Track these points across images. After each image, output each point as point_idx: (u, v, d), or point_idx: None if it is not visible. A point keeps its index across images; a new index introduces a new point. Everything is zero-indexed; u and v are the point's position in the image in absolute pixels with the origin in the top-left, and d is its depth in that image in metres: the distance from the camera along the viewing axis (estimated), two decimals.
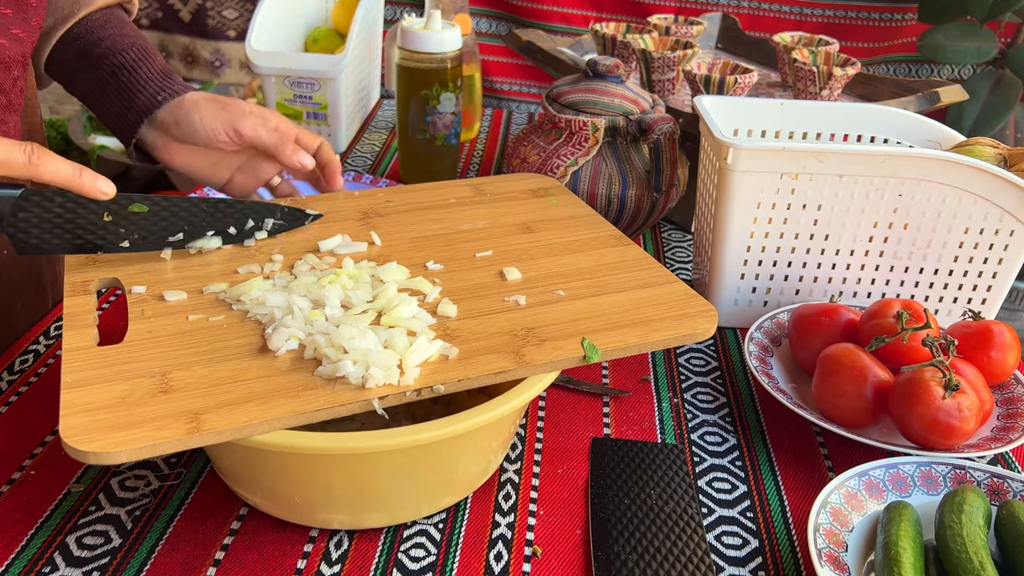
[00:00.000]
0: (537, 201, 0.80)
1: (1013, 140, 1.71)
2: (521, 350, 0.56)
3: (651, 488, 0.63)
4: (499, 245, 0.71)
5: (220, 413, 0.49)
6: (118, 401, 0.49)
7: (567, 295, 0.63)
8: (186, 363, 0.54)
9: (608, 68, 0.92)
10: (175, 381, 0.52)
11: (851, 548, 0.57)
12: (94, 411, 0.48)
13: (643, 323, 0.60)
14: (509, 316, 0.60)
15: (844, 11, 1.67)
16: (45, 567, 0.54)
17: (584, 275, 0.66)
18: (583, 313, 0.61)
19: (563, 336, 0.58)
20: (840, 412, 0.68)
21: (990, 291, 0.82)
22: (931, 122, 0.92)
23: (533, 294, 0.63)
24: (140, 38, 0.80)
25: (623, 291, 0.64)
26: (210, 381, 0.52)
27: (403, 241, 0.71)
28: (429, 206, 0.78)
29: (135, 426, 0.47)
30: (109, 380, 0.51)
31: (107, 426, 0.47)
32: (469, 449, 0.58)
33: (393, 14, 1.70)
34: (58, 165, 0.55)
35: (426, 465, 0.56)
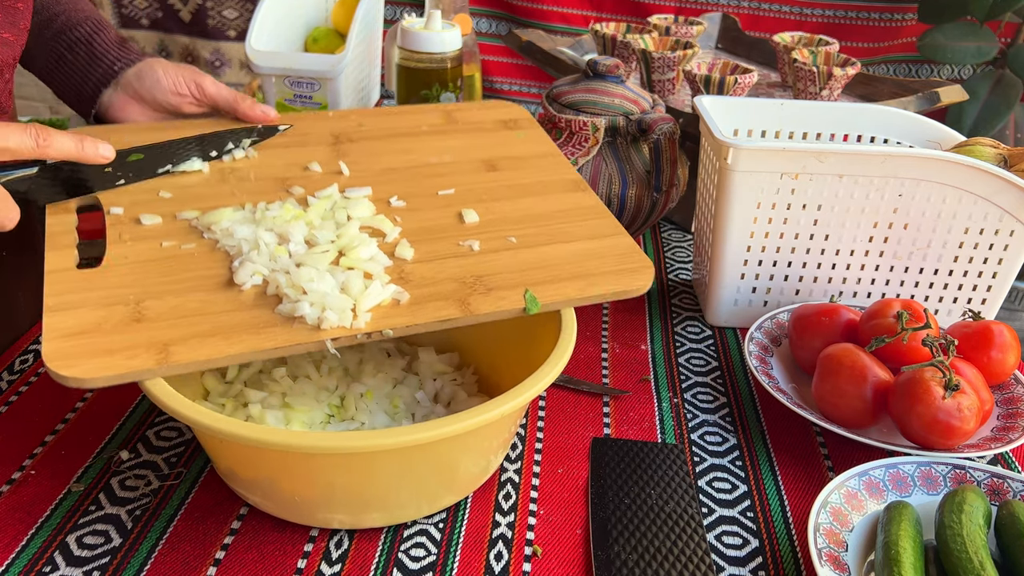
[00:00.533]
0: (506, 134, 0.80)
1: (1013, 140, 1.71)
2: (468, 299, 0.59)
3: (651, 488, 0.63)
4: (462, 183, 0.72)
5: (187, 345, 0.52)
6: (95, 327, 0.53)
7: (519, 242, 0.65)
8: (158, 292, 0.57)
9: (608, 68, 0.92)
10: (147, 310, 0.55)
11: (851, 548, 0.57)
12: (73, 336, 0.52)
13: (584, 277, 0.62)
14: (461, 262, 0.62)
15: (844, 11, 1.67)
16: (45, 567, 0.55)
17: (538, 222, 0.68)
18: (531, 263, 0.63)
19: (509, 286, 0.60)
20: (840, 412, 0.68)
21: (990, 291, 0.82)
22: (931, 122, 0.92)
23: (487, 239, 0.65)
24: (93, 11, 0.83)
25: (572, 241, 0.66)
26: (179, 313, 0.55)
27: (371, 172, 0.72)
28: (400, 133, 0.78)
29: (110, 354, 0.51)
30: (88, 305, 0.55)
31: (85, 352, 0.51)
32: (469, 449, 0.58)
33: (393, 14, 1.70)
34: (62, 142, 0.59)
35: (426, 465, 0.56)
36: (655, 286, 0.94)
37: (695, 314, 0.89)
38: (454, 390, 0.69)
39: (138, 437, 0.67)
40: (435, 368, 0.71)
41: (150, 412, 0.69)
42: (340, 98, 1.21)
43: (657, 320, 0.88)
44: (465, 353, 0.73)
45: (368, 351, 0.71)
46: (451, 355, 0.73)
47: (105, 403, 0.70)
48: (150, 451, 0.65)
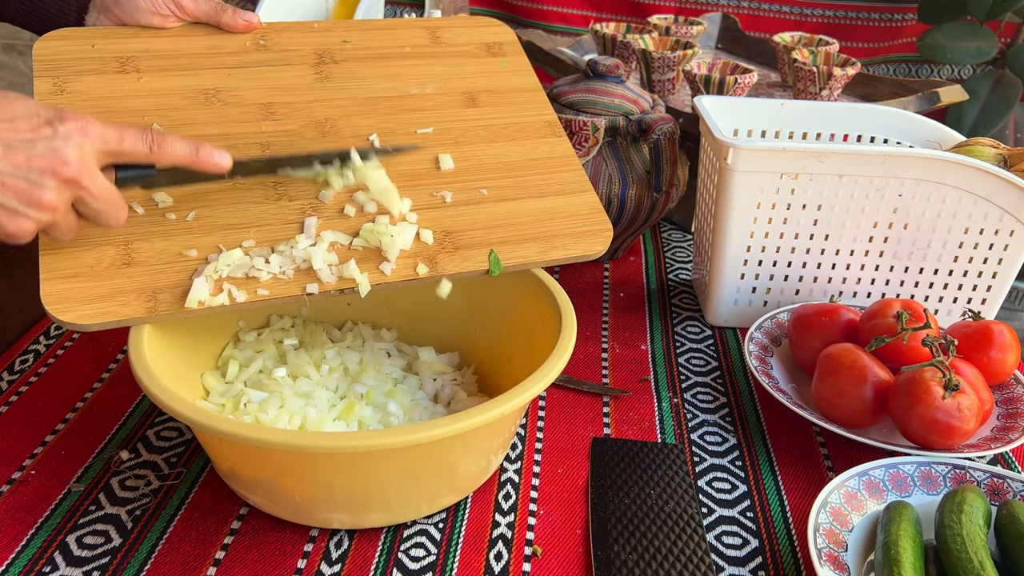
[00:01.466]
0: (489, 62, 0.79)
1: (1013, 140, 1.71)
2: (436, 256, 0.61)
3: (651, 488, 0.63)
4: (441, 119, 0.73)
5: (173, 294, 0.56)
6: (88, 269, 0.56)
7: (489, 196, 0.67)
8: (146, 235, 0.59)
9: (608, 68, 0.92)
10: (136, 253, 0.57)
11: (851, 548, 0.57)
12: (68, 279, 0.55)
13: (547, 239, 0.65)
14: (434, 215, 0.64)
15: (844, 11, 1.67)
16: (45, 567, 0.55)
17: (510, 172, 0.70)
18: (498, 219, 0.65)
19: (475, 245, 0.63)
20: (840, 412, 0.68)
21: (990, 291, 0.82)
22: (931, 122, 0.92)
23: (460, 190, 0.67)
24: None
25: (540, 197, 0.68)
26: (165, 258, 0.58)
27: (353, 102, 0.72)
28: (384, 55, 0.77)
29: (103, 299, 0.55)
30: (80, 245, 0.57)
31: (80, 297, 0.55)
32: (469, 449, 0.58)
33: (393, 14, 1.70)
34: (176, 147, 0.59)
35: (426, 465, 0.56)
36: (655, 286, 0.95)
37: (695, 314, 0.89)
38: (454, 390, 0.69)
39: (138, 437, 0.67)
40: (435, 368, 0.71)
41: (150, 412, 0.69)
42: None
43: (657, 320, 0.88)
44: (465, 353, 0.73)
45: (368, 351, 0.71)
46: (451, 355, 0.73)
47: (105, 403, 0.70)
48: (150, 451, 0.65)
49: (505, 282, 0.69)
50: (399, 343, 0.74)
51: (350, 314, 0.75)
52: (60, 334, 0.79)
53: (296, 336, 0.71)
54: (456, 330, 0.74)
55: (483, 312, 0.72)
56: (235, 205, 0.63)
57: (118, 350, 0.77)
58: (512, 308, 0.69)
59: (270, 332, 0.71)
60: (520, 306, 0.68)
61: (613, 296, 0.92)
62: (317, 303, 0.73)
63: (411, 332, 0.75)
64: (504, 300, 0.70)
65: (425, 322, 0.74)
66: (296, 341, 0.70)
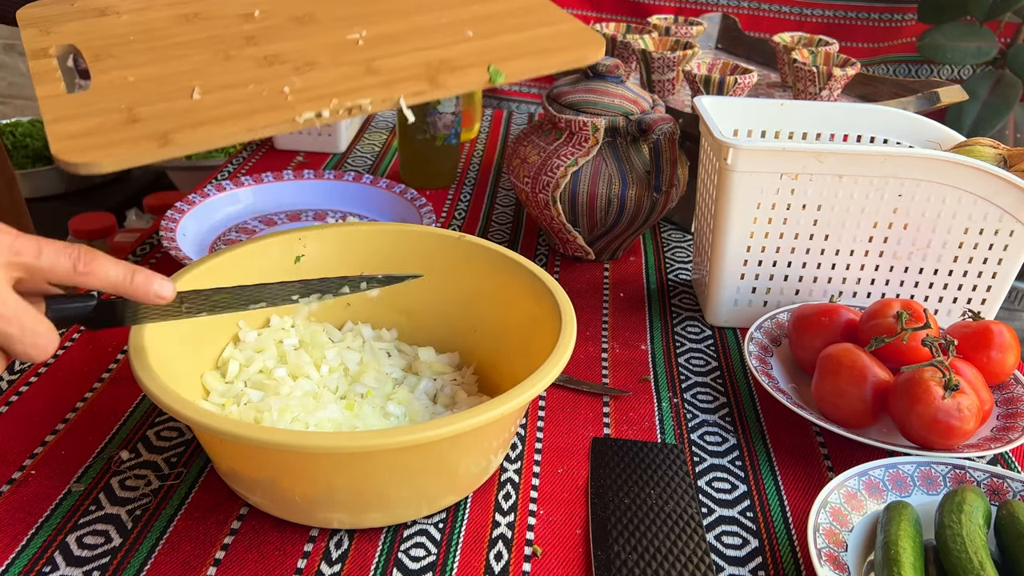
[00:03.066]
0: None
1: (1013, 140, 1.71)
2: (436, 76, 0.58)
3: (651, 488, 0.63)
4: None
5: (184, 132, 0.53)
6: (96, 129, 0.54)
7: (475, 35, 0.63)
8: (149, 101, 0.57)
9: (608, 68, 0.92)
10: (141, 114, 0.55)
11: (851, 548, 0.57)
12: (77, 137, 0.53)
13: (541, 53, 0.61)
14: (424, 53, 0.61)
15: (844, 11, 1.67)
16: (45, 567, 0.55)
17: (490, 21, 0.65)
18: (491, 48, 0.61)
19: (473, 65, 0.59)
20: (840, 412, 0.68)
21: (990, 291, 0.82)
22: (931, 122, 0.92)
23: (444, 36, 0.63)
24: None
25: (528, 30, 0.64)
26: (170, 112, 0.55)
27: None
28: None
29: (114, 145, 0.52)
30: (85, 116, 0.55)
31: (91, 146, 0.52)
32: (469, 449, 0.58)
33: None
34: (107, 270, 0.51)
35: (426, 465, 0.56)
36: (655, 286, 0.95)
37: (695, 314, 0.89)
38: (454, 390, 0.69)
39: (138, 437, 0.67)
40: (435, 368, 0.71)
41: (150, 412, 0.69)
42: None
43: (657, 320, 0.88)
44: (465, 353, 0.73)
45: (368, 351, 0.71)
46: (451, 355, 0.73)
47: (105, 403, 0.70)
48: (150, 451, 0.65)
49: (504, 280, 0.69)
50: (399, 343, 0.74)
51: (350, 314, 0.75)
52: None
53: (296, 336, 0.71)
54: (455, 330, 0.73)
55: (482, 311, 0.72)
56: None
57: (118, 350, 0.77)
58: (511, 307, 0.69)
59: (270, 332, 0.71)
60: (519, 305, 0.68)
61: (613, 296, 0.92)
62: (319, 305, 0.72)
63: (411, 332, 0.75)
64: (503, 299, 0.70)
65: (425, 321, 0.74)
66: (296, 341, 0.70)
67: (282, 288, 0.59)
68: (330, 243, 0.73)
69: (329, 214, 1.05)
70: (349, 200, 1.06)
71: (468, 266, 0.72)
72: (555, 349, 0.58)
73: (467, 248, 0.72)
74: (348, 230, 0.74)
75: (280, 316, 0.72)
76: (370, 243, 0.74)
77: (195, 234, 0.96)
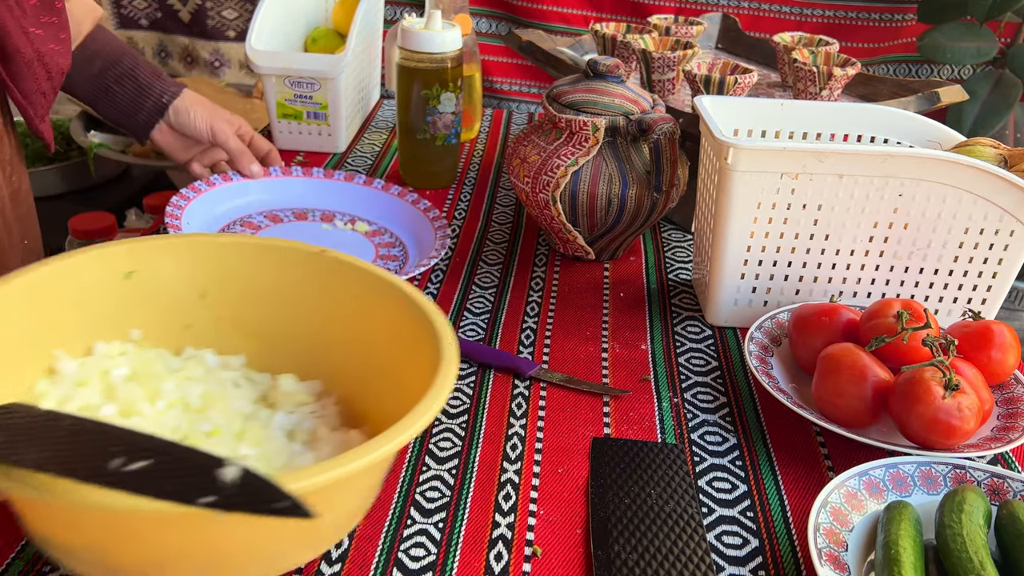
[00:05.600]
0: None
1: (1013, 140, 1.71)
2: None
3: (651, 488, 0.63)
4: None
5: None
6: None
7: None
8: None
9: (608, 68, 0.92)
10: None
11: (851, 547, 0.57)
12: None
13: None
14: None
15: (844, 11, 1.67)
16: (45, 567, 0.54)
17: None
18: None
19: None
20: (840, 412, 0.68)
21: (990, 291, 0.82)
22: (931, 122, 0.92)
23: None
24: (124, 46, 0.99)
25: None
26: None
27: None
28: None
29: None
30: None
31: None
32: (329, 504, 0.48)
33: (393, 14, 1.70)
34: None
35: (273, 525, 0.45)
36: (655, 286, 0.94)
37: (695, 314, 0.89)
38: (315, 424, 0.60)
39: None
40: (296, 399, 0.62)
41: None
42: (340, 98, 1.21)
43: (657, 320, 0.88)
44: (328, 381, 0.64)
45: (213, 382, 0.61)
46: (313, 383, 0.64)
47: None
48: None
49: (372, 300, 0.62)
50: (248, 371, 0.64)
51: (190, 338, 0.65)
52: None
53: (127, 365, 0.59)
54: (315, 355, 0.64)
55: (346, 335, 0.63)
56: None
57: None
58: (379, 331, 0.61)
59: (95, 361, 0.59)
60: (389, 329, 0.60)
61: (613, 296, 0.92)
62: (151, 325, 0.63)
63: (263, 357, 0.65)
64: (370, 321, 0.62)
65: (280, 344, 0.65)
66: (127, 371, 0.59)
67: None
68: (170, 256, 0.63)
69: (336, 216, 1.03)
70: (359, 204, 1.04)
71: (331, 284, 0.64)
72: (432, 388, 0.49)
73: (329, 265, 0.64)
74: (190, 241, 0.65)
75: (106, 342, 0.61)
76: (218, 257, 0.64)
77: (200, 225, 0.95)
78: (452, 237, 1.03)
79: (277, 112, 1.22)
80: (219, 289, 0.65)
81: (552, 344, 0.82)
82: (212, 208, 0.99)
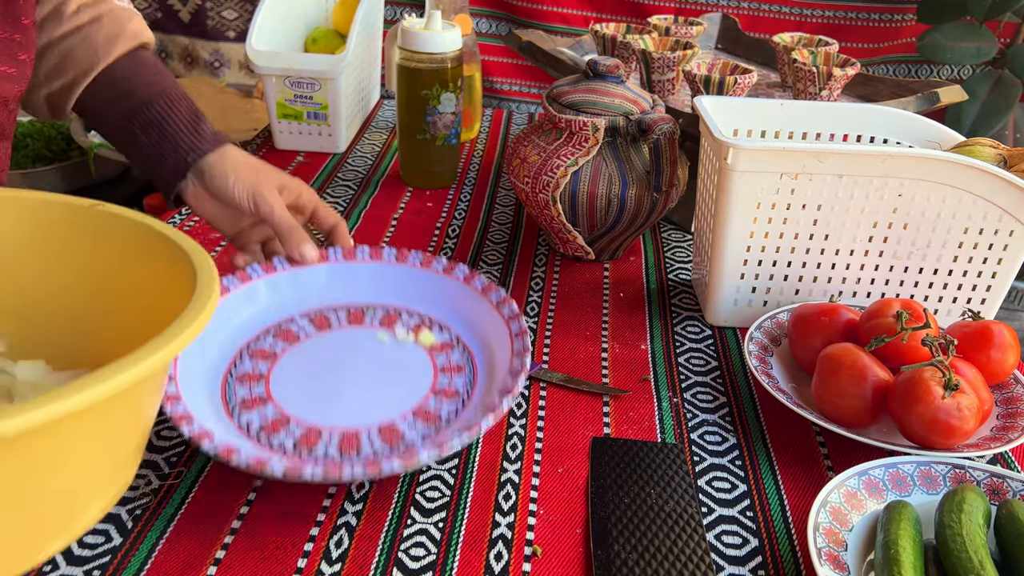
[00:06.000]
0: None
1: (1012, 140, 1.71)
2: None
3: (651, 487, 0.63)
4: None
5: None
6: None
7: None
8: None
9: (608, 68, 0.92)
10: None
11: (851, 547, 0.58)
12: None
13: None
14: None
15: (844, 12, 1.67)
16: (46, 566, 0.55)
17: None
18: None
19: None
20: (840, 412, 0.68)
21: (990, 291, 0.82)
22: (931, 122, 0.92)
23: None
24: (168, 85, 0.78)
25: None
26: None
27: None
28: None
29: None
30: None
31: None
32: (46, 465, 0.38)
33: (393, 14, 1.70)
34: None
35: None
36: (655, 286, 0.95)
37: (695, 314, 0.89)
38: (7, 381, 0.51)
39: None
40: (43, 390, 0.48)
41: None
42: (340, 98, 1.21)
43: (657, 320, 0.88)
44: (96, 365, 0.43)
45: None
46: (74, 373, 0.55)
47: None
48: (151, 450, 0.65)
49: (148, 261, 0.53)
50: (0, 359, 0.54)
51: None
52: None
53: None
54: (83, 334, 0.54)
55: (117, 304, 0.54)
56: None
57: None
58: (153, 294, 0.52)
59: None
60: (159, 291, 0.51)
61: (613, 296, 0.92)
62: None
63: (22, 342, 0.55)
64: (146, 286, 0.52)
65: (42, 327, 0.55)
66: None
67: None
68: None
69: (402, 316, 0.78)
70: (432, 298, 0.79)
71: (103, 246, 0.54)
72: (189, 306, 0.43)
73: (101, 221, 0.54)
74: None
75: None
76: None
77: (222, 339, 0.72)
78: (452, 237, 1.03)
79: (277, 112, 1.22)
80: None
81: (552, 344, 0.82)
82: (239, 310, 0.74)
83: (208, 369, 0.67)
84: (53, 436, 0.37)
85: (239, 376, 0.68)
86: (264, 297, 0.75)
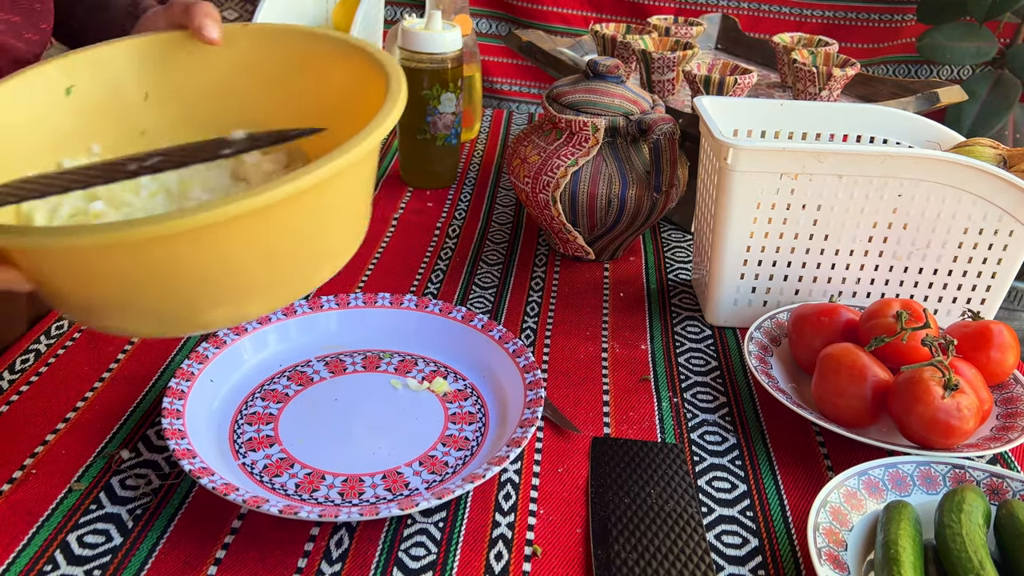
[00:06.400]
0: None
1: (1012, 140, 1.71)
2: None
3: (651, 487, 0.64)
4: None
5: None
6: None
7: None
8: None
9: (608, 68, 0.92)
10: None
11: (851, 547, 0.58)
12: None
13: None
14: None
15: (844, 12, 1.67)
16: (46, 566, 0.55)
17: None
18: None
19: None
20: (840, 412, 0.68)
21: (989, 291, 0.83)
22: (931, 122, 0.92)
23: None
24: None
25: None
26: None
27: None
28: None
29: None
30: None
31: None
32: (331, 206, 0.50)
33: (393, 14, 1.70)
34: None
35: (287, 233, 0.48)
36: (655, 286, 0.95)
37: (695, 314, 0.89)
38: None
39: (139, 436, 0.67)
40: (264, 168, 0.61)
41: (150, 411, 0.69)
42: None
43: (657, 320, 0.88)
44: (290, 152, 0.64)
45: (191, 169, 0.60)
46: (278, 155, 0.63)
47: (105, 402, 0.70)
48: (151, 450, 0.65)
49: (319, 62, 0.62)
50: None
51: (147, 143, 0.64)
52: (60, 334, 0.79)
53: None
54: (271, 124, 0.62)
55: (301, 104, 0.63)
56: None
57: (119, 350, 0.77)
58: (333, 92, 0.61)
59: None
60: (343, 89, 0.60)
61: (613, 296, 0.92)
62: (108, 136, 0.63)
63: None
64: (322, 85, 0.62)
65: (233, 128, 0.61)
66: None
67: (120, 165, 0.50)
68: (99, 65, 0.62)
69: (418, 364, 0.77)
70: (452, 348, 0.78)
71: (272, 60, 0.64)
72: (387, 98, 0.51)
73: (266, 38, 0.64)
74: (115, 47, 0.63)
75: (72, 159, 0.62)
76: (149, 56, 0.63)
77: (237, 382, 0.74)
78: (452, 237, 1.03)
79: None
80: (159, 87, 0.63)
81: (552, 344, 0.82)
82: (256, 352, 0.76)
83: (220, 408, 0.70)
84: (332, 188, 0.49)
85: (248, 416, 0.69)
86: (280, 339, 0.77)
